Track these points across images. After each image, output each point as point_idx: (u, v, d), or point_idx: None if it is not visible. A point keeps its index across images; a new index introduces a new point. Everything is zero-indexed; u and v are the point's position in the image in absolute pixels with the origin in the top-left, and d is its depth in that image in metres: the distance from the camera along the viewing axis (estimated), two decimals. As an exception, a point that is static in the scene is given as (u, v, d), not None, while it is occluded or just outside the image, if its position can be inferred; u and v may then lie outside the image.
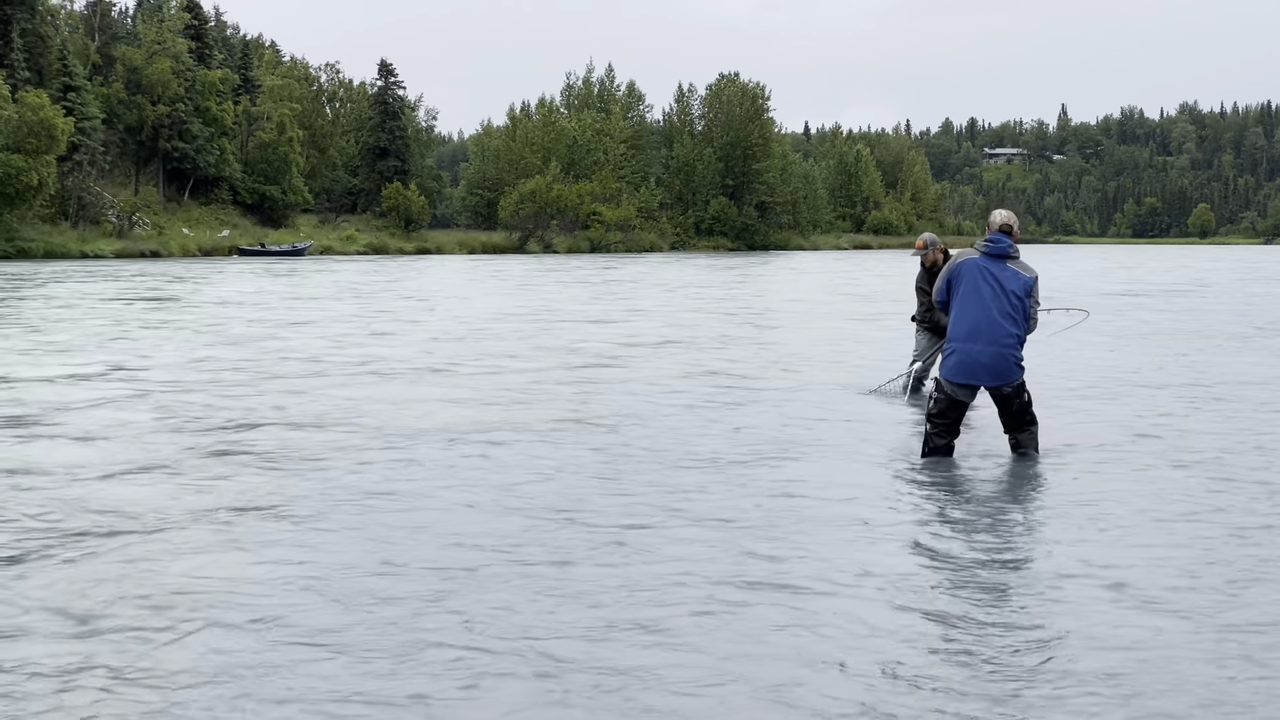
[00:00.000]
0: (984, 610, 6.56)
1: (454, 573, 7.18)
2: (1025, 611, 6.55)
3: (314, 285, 44.05)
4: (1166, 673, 5.64)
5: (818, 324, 27.37)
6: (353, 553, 7.61)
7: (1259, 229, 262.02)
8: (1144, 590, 6.88)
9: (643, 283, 48.36)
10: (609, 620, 6.33)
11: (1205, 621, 6.35)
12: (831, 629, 6.22)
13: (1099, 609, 6.54)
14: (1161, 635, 6.13)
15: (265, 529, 8.21)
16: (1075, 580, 7.09)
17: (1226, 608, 6.57)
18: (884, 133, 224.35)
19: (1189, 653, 5.89)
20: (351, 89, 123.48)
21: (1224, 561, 7.42)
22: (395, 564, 7.36)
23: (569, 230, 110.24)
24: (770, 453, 11.18)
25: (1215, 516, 8.67)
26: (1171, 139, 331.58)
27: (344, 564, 7.35)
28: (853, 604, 6.62)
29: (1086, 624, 6.31)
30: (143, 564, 7.34)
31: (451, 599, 6.67)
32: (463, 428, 12.38)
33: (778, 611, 6.47)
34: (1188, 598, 6.75)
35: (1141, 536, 8.04)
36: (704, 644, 5.99)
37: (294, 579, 7.03)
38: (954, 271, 10.80)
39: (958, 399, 10.70)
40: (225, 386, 15.52)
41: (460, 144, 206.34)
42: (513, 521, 8.43)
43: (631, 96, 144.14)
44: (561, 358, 19.27)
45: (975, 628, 6.27)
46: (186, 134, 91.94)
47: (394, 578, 7.07)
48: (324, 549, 7.70)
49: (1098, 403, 14.55)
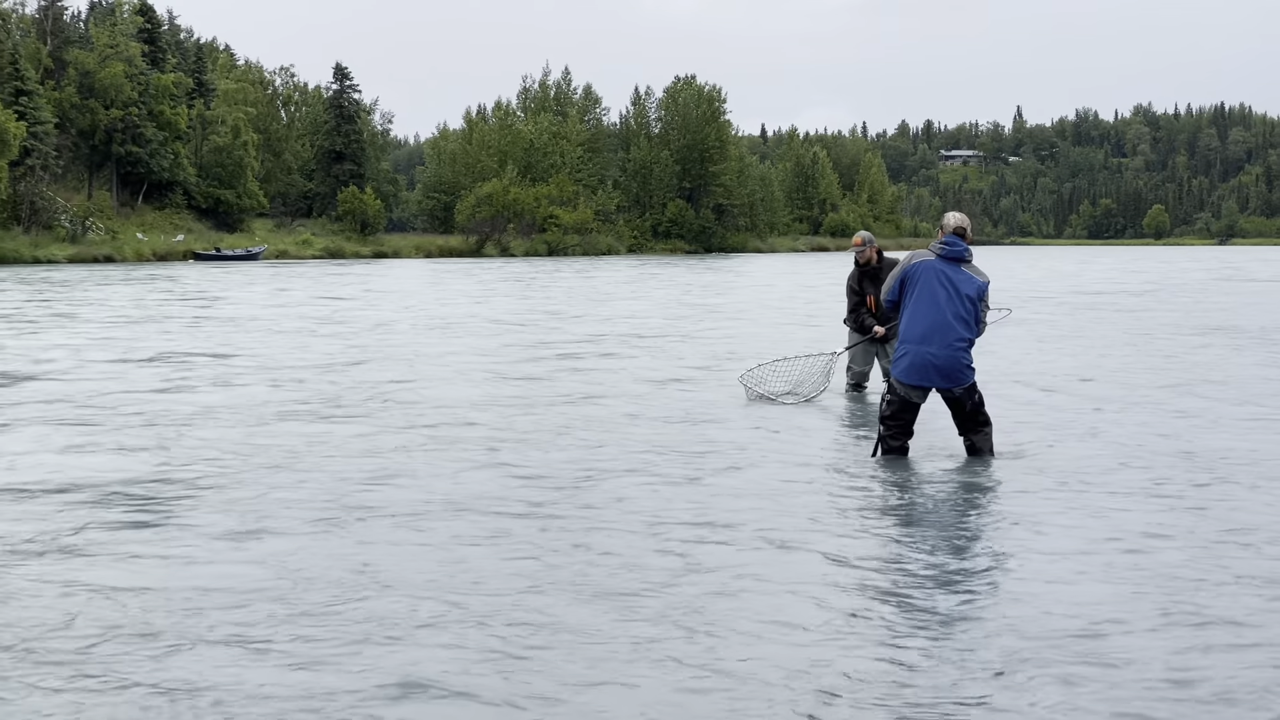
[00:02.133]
0: (931, 613, 6.57)
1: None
2: (973, 610, 6.61)
3: (282, 296, 43.71)
4: (1116, 667, 5.73)
5: (763, 324, 27.39)
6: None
7: (1213, 230, 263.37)
8: (1095, 590, 6.94)
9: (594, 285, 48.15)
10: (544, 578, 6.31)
11: (1157, 620, 6.42)
12: (774, 633, 6.21)
13: (1050, 607, 6.58)
14: (1110, 637, 6.16)
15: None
16: (1027, 582, 7.13)
17: (1178, 607, 6.64)
18: (840, 135, 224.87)
19: (1140, 652, 5.96)
20: (306, 92, 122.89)
21: (1192, 577, 7.34)
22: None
23: (526, 234, 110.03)
24: (717, 455, 11.15)
25: (1169, 516, 8.73)
26: (1126, 140, 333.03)
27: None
28: (796, 608, 6.60)
29: (1036, 620, 6.39)
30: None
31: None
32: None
33: (713, 616, 6.43)
34: (1141, 598, 6.80)
35: (1101, 546, 8.01)
36: (649, 655, 5.98)
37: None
38: (909, 272, 10.81)
39: (911, 400, 10.77)
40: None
41: (416, 147, 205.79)
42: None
43: (588, 99, 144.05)
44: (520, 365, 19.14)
45: (923, 630, 6.27)
46: (140, 138, 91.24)
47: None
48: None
49: (1052, 402, 14.64)
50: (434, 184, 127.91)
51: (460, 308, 33.57)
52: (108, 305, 33.21)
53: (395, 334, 24.51)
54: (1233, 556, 7.68)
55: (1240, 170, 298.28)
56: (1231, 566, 7.45)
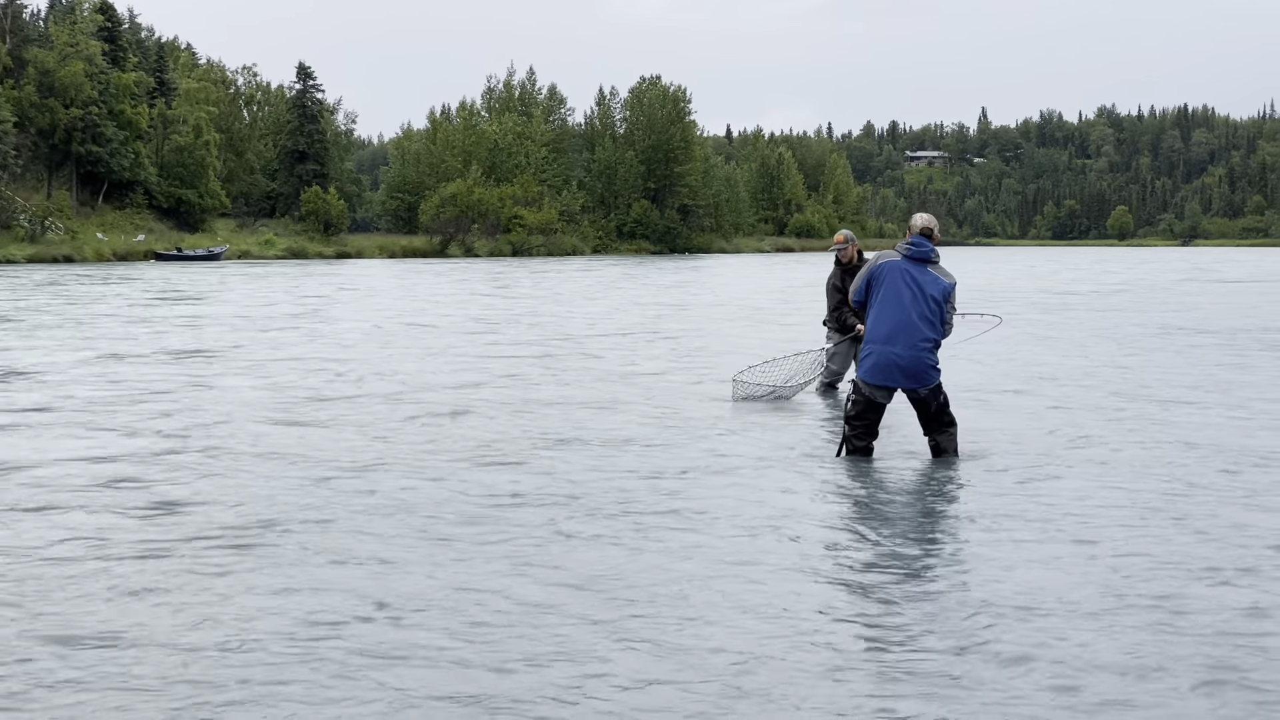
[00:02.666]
0: (891, 608, 6.65)
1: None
2: (935, 609, 6.66)
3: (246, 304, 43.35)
4: (1072, 664, 5.84)
5: (726, 325, 27.36)
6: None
7: (1176, 231, 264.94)
8: (1058, 590, 6.95)
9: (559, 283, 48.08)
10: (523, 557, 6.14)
11: (1115, 621, 6.44)
12: (738, 629, 6.26)
13: (1011, 611, 6.60)
14: (1069, 633, 6.24)
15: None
16: (989, 585, 7.10)
17: (1139, 608, 6.67)
18: (806, 136, 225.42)
19: (1086, 633, 6.21)
20: (269, 92, 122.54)
21: (1143, 568, 7.44)
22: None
23: (490, 234, 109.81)
24: (682, 454, 11.19)
25: (1133, 517, 8.75)
26: (1090, 142, 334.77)
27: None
28: (763, 604, 6.64)
29: (997, 618, 6.49)
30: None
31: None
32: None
33: (678, 613, 6.49)
34: (1102, 599, 6.81)
35: (1057, 538, 8.11)
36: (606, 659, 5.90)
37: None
38: (875, 272, 10.81)
39: (875, 400, 10.77)
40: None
41: (380, 147, 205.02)
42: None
43: (553, 99, 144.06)
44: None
45: (884, 630, 6.30)
46: (100, 137, 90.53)
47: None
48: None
49: (1018, 403, 14.64)
50: (398, 184, 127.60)
51: (441, 308, 33.36)
52: (69, 307, 32.75)
53: (384, 335, 24.20)
54: (1183, 547, 7.89)
55: (1203, 172, 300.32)
56: (1181, 557, 7.66)
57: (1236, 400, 15.02)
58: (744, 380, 14.99)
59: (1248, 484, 9.88)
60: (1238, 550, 7.82)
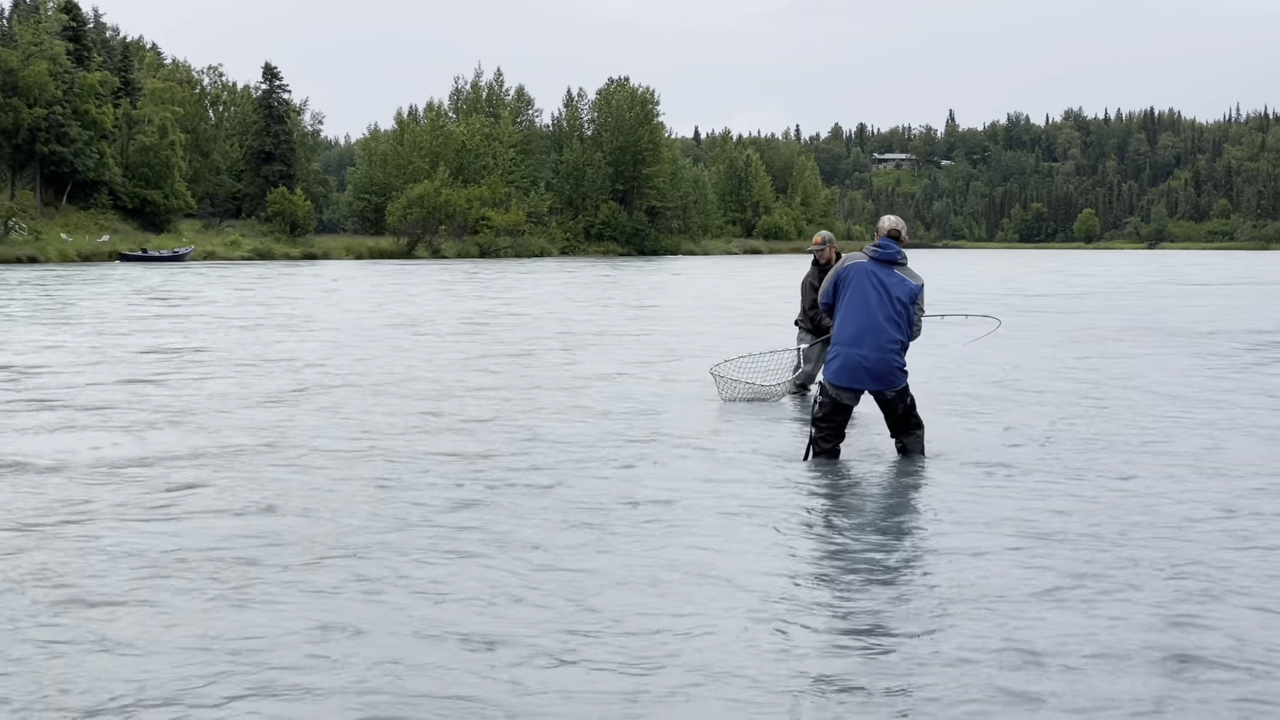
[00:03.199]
0: (853, 603, 6.72)
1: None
2: (896, 603, 6.73)
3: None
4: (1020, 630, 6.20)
5: (695, 324, 27.30)
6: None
7: (1142, 234, 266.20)
8: (1017, 585, 7.02)
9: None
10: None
11: (1073, 609, 6.62)
12: (700, 627, 6.28)
13: (964, 583, 6.85)
14: (1027, 623, 6.38)
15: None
16: (948, 587, 7.08)
17: (1098, 601, 6.80)
18: (774, 138, 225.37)
19: (1042, 619, 6.43)
20: (235, 92, 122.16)
21: (1101, 565, 7.53)
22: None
23: (458, 235, 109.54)
24: (648, 455, 11.17)
25: (1093, 516, 8.80)
26: (1057, 145, 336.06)
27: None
28: (725, 606, 6.62)
29: (952, 592, 6.83)
30: None
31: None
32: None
33: (642, 618, 6.43)
34: (1059, 594, 6.92)
35: (1018, 538, 8.16)
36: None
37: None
38: (841, 274, 10.80)
39: (842, 402, 10.72)
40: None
41: (347, 148, 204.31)
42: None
43: (521, 101, 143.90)
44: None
45: (845, 633, 6.28)
46: (65, 137, 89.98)
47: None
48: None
49: (985, 406, 14.61)
50: (365, 185, 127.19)
51: (417, 307, 33.16)
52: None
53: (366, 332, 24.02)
54: (1141, 543, 8.05)
55: (1169, 175, 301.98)
56: (1134, 549, 7.86)
57: (1203, 402, 15.04)
58: (723, 376, 14.93)
59: (1205, 485, 9.93)
60: (1192, 544, 8.00)
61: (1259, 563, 7.56)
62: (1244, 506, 9.06)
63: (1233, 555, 7.72)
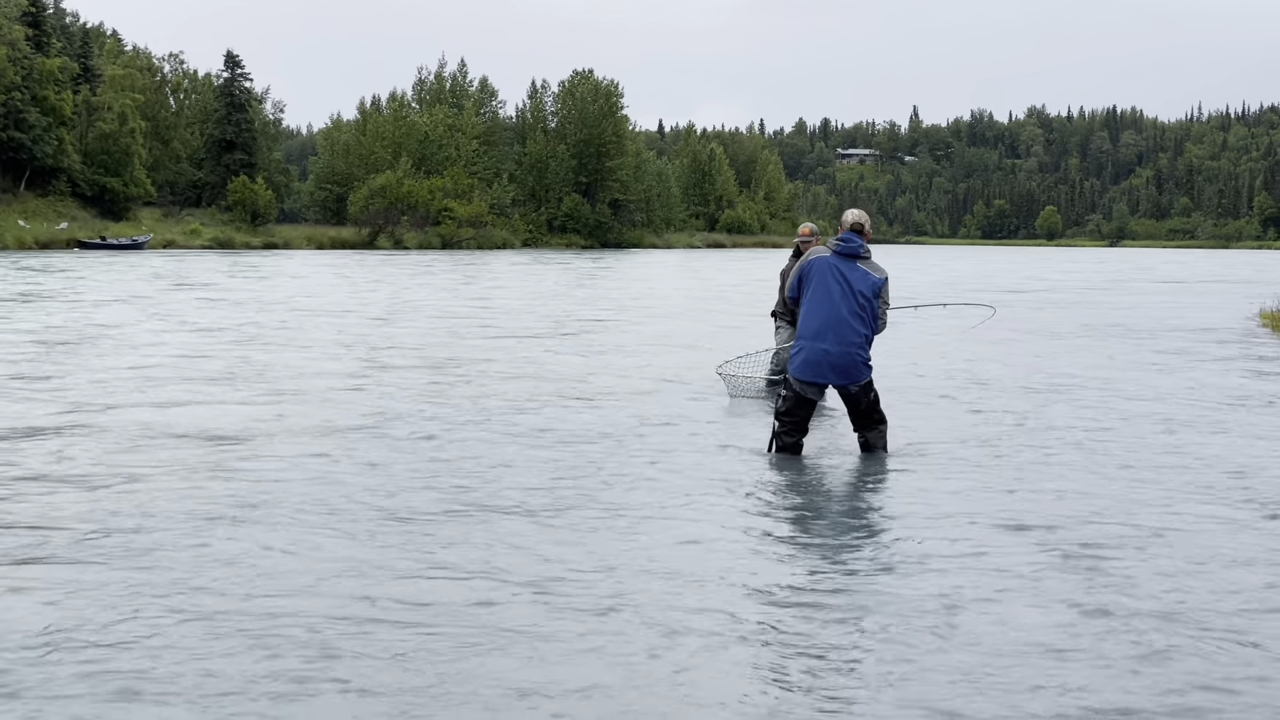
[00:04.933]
0: (809, 594, 6.79)
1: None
2: (856, 582, 6.96)
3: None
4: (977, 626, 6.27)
5: (660, 321, 27.27)
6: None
7: (1104, 231, 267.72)
8: (978, 589, 6.96)
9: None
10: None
11: (1024, 595, 6.80)
12: (655, 617, 6.31)
13: (932, 608, 6.64)
14: (985, 614, 6.48)
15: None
16: (911, 579, 7.12)
17: (1058, 586, 6.98)
18: (738, 132, 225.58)
19: (997, 617, 6.45)
20: (196, 80, 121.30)
21: (1061, 555, 7.67)
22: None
23: (420, 226, 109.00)
24: (610, 449, 11.11)
25: (1057, 509, 8.90)
26: (1020, 142, 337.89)
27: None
28: (681, 599, 6.63)
29: (909, 589, 6.88)
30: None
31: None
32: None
33: (596, 614, 6.39)
34: (1001, 574, 7.18)
35: (982, 533, 8.18)
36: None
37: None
38: (805, 269, 10.78)
39: (806, 397, 10.69)
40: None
41: (309, 137, 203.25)
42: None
43: (484, 92, 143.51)
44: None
45: (804, 623, 6.33)
46: (23, 123, 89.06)
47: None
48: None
49: (949, 400, 14.64)
50: (326, 175, 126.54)
51: (397, 303, 32.87)
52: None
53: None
54: (1102, 532, 8.21)
55: (1131, 173, 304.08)
56: (1101, 541, 7.99)
57: (1163, 394, 15.21)
58: (730, 375, 14.92)
59: (1170, 477, 10.07)
60: (1152, 535, 8.17)
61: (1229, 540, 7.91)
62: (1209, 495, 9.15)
63: (1204, 538, 8.04)
